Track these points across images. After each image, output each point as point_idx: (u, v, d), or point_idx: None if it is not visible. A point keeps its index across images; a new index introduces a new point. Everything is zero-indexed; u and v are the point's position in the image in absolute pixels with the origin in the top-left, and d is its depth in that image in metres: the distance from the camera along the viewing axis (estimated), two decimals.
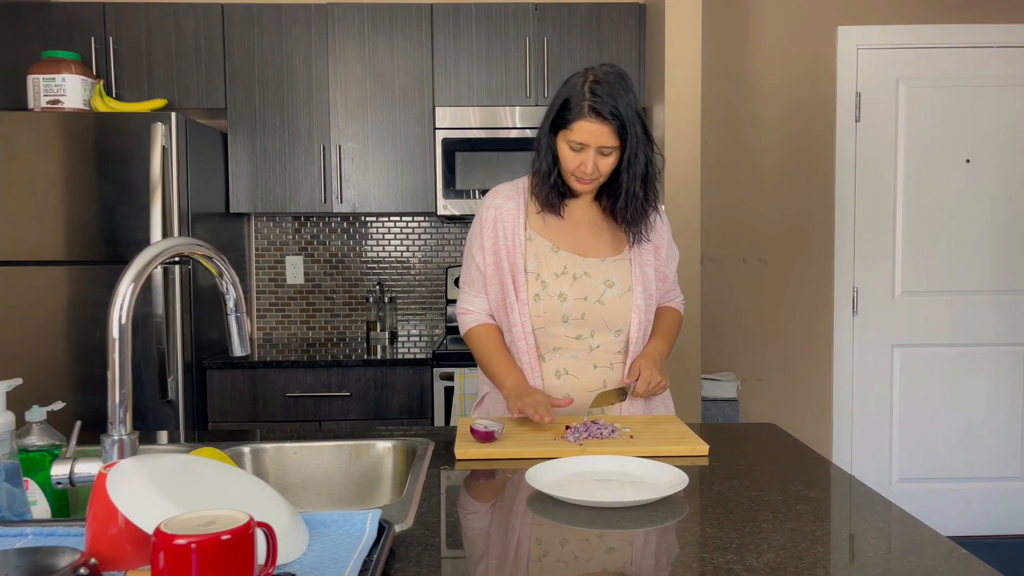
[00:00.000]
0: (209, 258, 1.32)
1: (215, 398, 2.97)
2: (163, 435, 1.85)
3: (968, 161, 3.61)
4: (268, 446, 1.65)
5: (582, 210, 1.90)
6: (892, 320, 3.67)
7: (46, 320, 2.81)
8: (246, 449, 1.64)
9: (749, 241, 3.65)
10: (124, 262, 2.73)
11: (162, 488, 1.02)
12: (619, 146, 1.75)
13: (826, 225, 3.65)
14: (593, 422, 1.66)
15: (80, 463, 1.21)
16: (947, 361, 3.67)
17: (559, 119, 1.76)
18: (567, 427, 1.64)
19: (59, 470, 1.20)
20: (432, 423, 3.00)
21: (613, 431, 1.63)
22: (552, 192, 1.84)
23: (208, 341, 3.07)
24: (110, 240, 2.82)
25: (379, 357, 3.09)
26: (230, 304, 1.39)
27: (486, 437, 1.57)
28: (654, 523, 1.19)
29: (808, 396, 3.70)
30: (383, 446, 1.66)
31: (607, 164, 1.77)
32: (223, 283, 1.37)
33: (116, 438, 1.19)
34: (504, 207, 1.88)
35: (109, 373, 1.19)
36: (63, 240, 2.82)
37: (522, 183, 1.92)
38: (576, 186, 1.80)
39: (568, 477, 1.39)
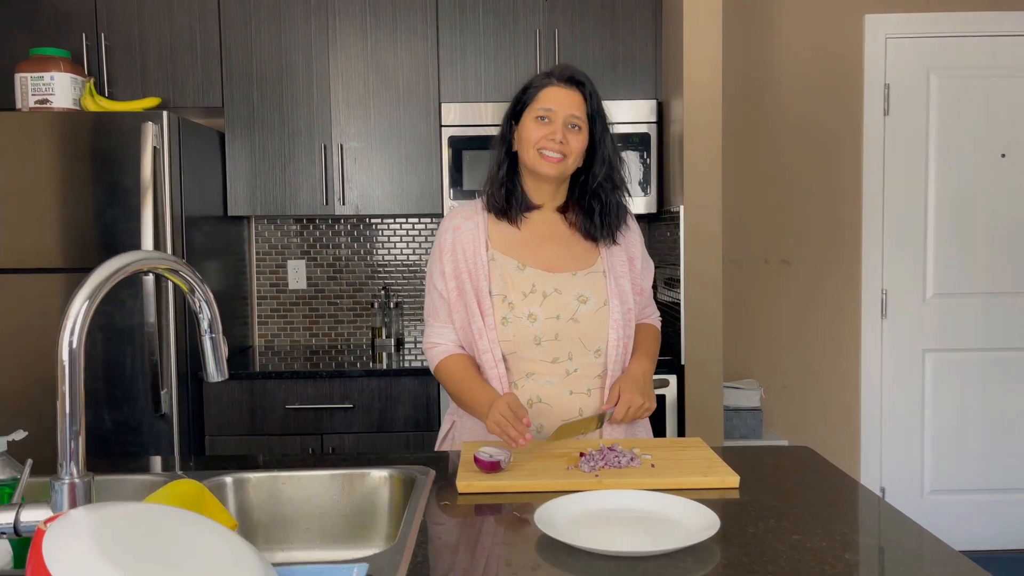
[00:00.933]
0: (176, 272, 1.17)
1: (212, 411, 2.83)
2: (157, 461, 1.70)
3: (1004, 155, 3.42)
4: (252, 476, 1.51)
5: (547, 224, 1.76)
6: (923, 324, 3.48)
7: (32, 330, 2.67)
8: (228, 480, 1.49)
9: (771, 241, 3.48)
10: None
11: (108, 550, 0.87)
12: (587, 126, 1.68)
13: (853, 224, 3.47)
14: (610, 448, 1.50)
15: (28, 510, 1.06)
16: (981, 367, 3.48)
17: (520, 104, 1.71)
18: (581, 454, 1.49)
19: (3, 518, 1.05)
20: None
21: (632, 459, 1.47)
22: (502, 193, 1.72)
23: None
24: (101, 246, 2.68)
25: (384, 365, 2.95)
26: (204, 324, 1.24)
27: (491, 467, 1.42)
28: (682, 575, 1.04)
29: (835, 404, 3.52)
30: (379, 475, 1.51)
31: (577, 140, 1.67)
32: (195, 300, 1.22)
33: (67, 482, 1.04)
34: (462, 227, 1.74)
35: (58, 404, 1.05)
36: (51, 247, 2.68)
37: (480, 203, 1.79)
38: (544, 167, 1.66)
39: (583, 517, 1.23)
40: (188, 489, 1.32)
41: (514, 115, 1.72)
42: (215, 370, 1.27)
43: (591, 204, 1.73)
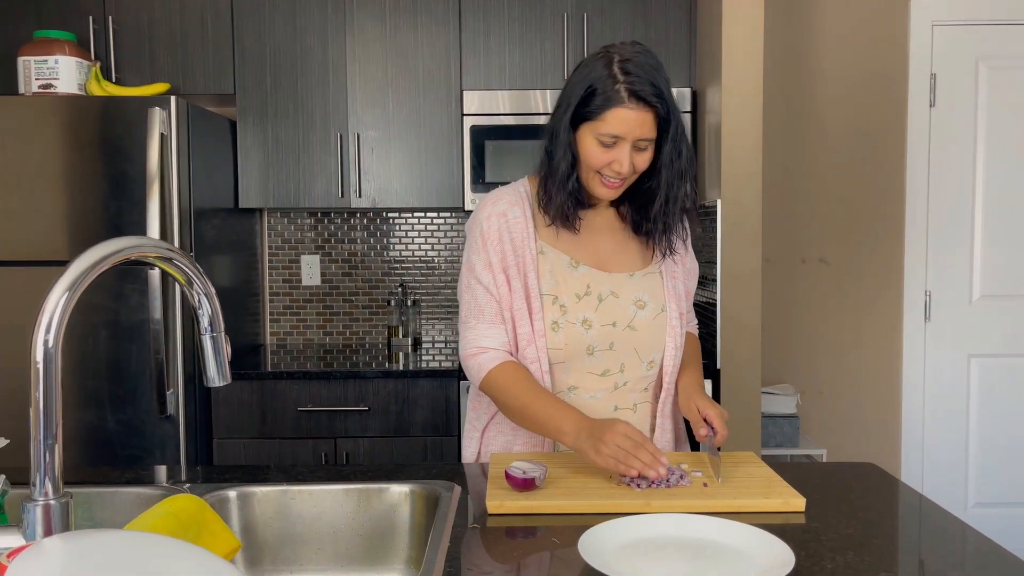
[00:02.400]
0: (171, 261, 1.03)
1: (220, 412, 2.69)
2: (162, 471, 1.55)
3: None
4: (259, 490, 1.36)
5: (599, 216, 1.55)
6: (969, 327, 3.29)
7: (32, 326, 2.53)
8: (232, 494, 1.34)
9: (809, 239, 3.30)
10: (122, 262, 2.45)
11: None
12: (655, 141, 1.42)
13: (895, 222, 3.28)
14: None
15: None
16: None
17: (582, 110, 1.41)
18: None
19: None
20: (458, 442, 2.70)
21: (682, 477, 1.31)
22: (569, 201, 1.46)
23: None
24: (105, 238, 2.52)
25: (401, 366, 2.80)
26: (203, 322, 1.09)
27: (525, 485, 1.26)
28: None
29: (874, 412, 3.33)
30: (398, 491, 1.36)
31: (643, 160, 1.42)
32: (194, 294, 1.07)
33: (40, 503, 0.90)
34: (509, 214, 1.50)
35: (31, 412, 0.90)
36: (54, 238, 2.55)
37: (523, 186, 1.56)
38: (600, 191, 1.44)
39: (633, 545, 1.07)
40: (186, 505, 1.18)
41: (574, 122, 1.44)
42: (216, 373, 1.12)
43: (649, 210, 1.50)
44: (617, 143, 1.40)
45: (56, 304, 0.90)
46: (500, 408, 1.50)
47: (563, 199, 1.46)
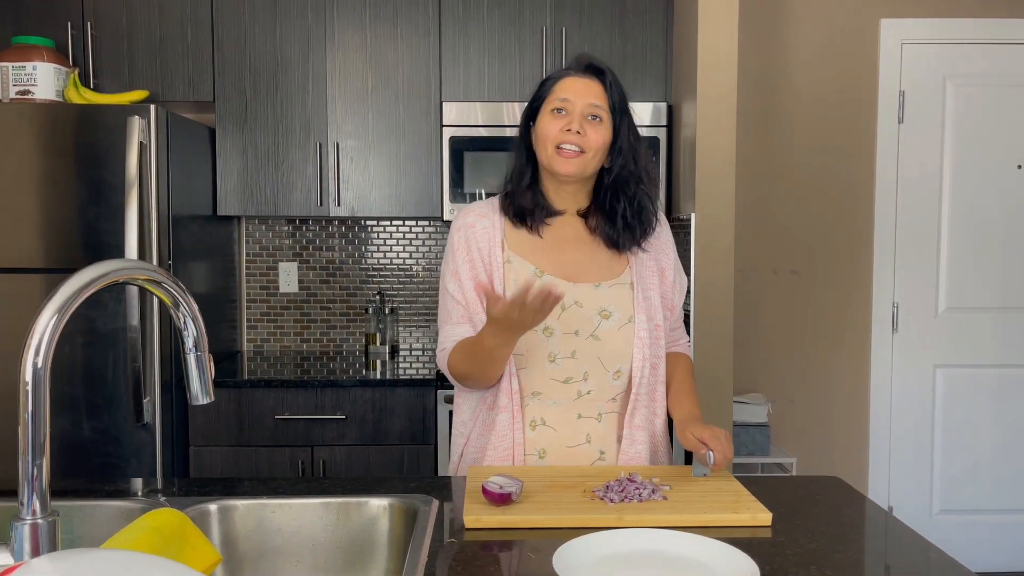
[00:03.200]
0: (159, 284, 1.05)
1: (197, 421, 2.70)
2: (138, 482, 1.56)
3: (1020, 167, 3.32)
4: (239, 503, 1.38)
5: (568, 227, 1.59)
6: (935, 338, 3.38)
7: (10, 334, 2.53)
8: (213, 507, 1.36)
9: (781, 251, 3.37)
10: None
11: None
12: (609, 119, 1.52)
13: (865, 234, 3.36)
14: (630, 479, 1.38)
15: None
16: (994, 383, 3.38)
17: (537, 97, 1.57)
18: (606, 486, 1.36)
19: None
20: (435, 451, 2.72)
21: (654, 491, 1.35)
22: (527, 195, 1.56)
23: None
24: (83, 246, 2.54)
25: (379, 374, 2.82)
26: (188, 342, 1.12)
27: (501, 500, 1.30)
28: None
29: (843, 420, 3.41)
30: (377, 505, 1.38)
31: (597, 132, 1.51)
32: (179, 315, 1.10)
33: (28, 522, 0.91)
34: (476, 225, 1.58)
35: (20, 431, 0.92)
36: (32, 245, 2.54)
37: (496, 200, 1.63)
38: (560, 166, 1.50)
39: (606, 560, 1.11)
40: (169, 520, 1.20)
41: (531, 114, 1.58)
42: (200, 391, 1.14)
43: (612, 205, 1.56)
44: (568, 108, 1.50)
45: (45, 327, 0.92)
46: (458, 378, 1.56)
47: (522, 197, 1.56)
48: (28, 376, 0.91)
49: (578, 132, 1.49)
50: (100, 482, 1.50)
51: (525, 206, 1.57)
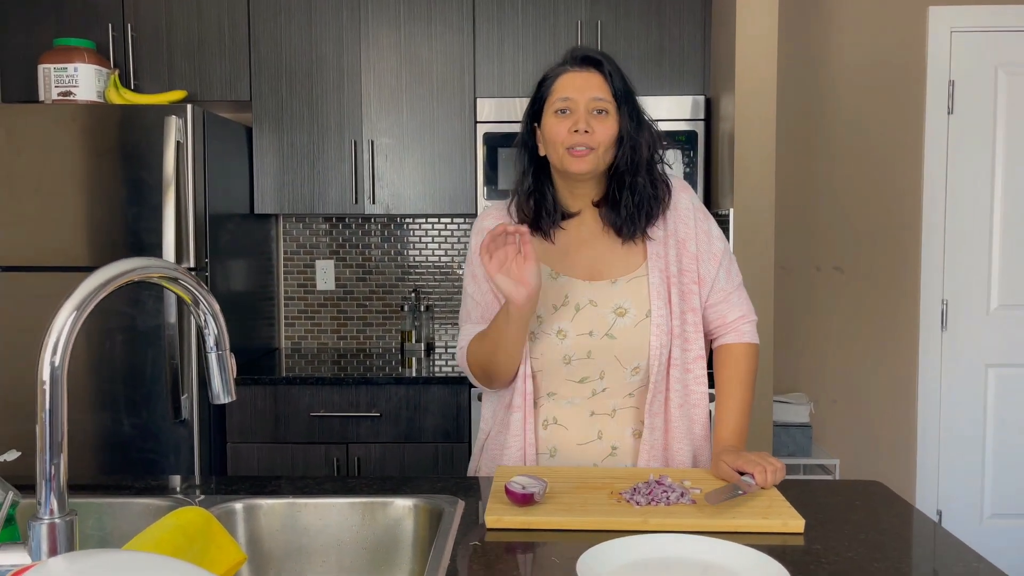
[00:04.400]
0: (176, 281, 1.04)
1: (234, 418, 2.72)
2: (174, 480, 1.57)
3: None
4: (264, 502, 1.37)
5: (583, 226, 1.56)
6: (986, 337, 3.26)
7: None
8: (239, 506, 1.36)
9: (824, 247, 3.28)
10: None
11: None
12: (615, 109, 1.47)
13: (912, 229, 3.25)
14: (658, 482, 1.34)
15: (2, 553, 0.94)
16: None
17: (538, 99, 1.52)
18: (633, 488, 1.33)
19: None
20: (469, 449, 2.71)
21: (683, 494, 1.31)
22: (531, 201, 1.53)
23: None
24: (123, 244, 2.58)
25: (413, 371, 2.82)
26: (210, 340, 1.11)
27: (524, 500, 1.27)
28: None
29: (889, 422, 3.31)
30: (402, 505, 1.37)
31: (604, 126, 1.46)
32: (200, 313, 1.09)
33: (46, 522, 0.92)
34: (527, 232, 1.54)
35: (38, 430, 0.92)
36: (73, 244, 2.59)
37: (512, 205, 1.60)
38: (572, 165, 1.45)
39: (631, 566, 1.08)
40: (194, 519, 1.20)
41: (534, 115, 1.53)
42: (221, 390, 1.14)
43: (616, 195, 1.52)
44: (571, 107, 1.46)
45: (63, 325, 0.92)
46: (476, 373, 1.55)
47: (525, 204, 1.54)
48: (45, 375, 0.91)
49: (586, 131, 1.44)
50: (136, 478, 1.52)
51: (530, 213, 1.54)
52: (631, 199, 1.51)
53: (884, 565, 1.10)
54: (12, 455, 1.26)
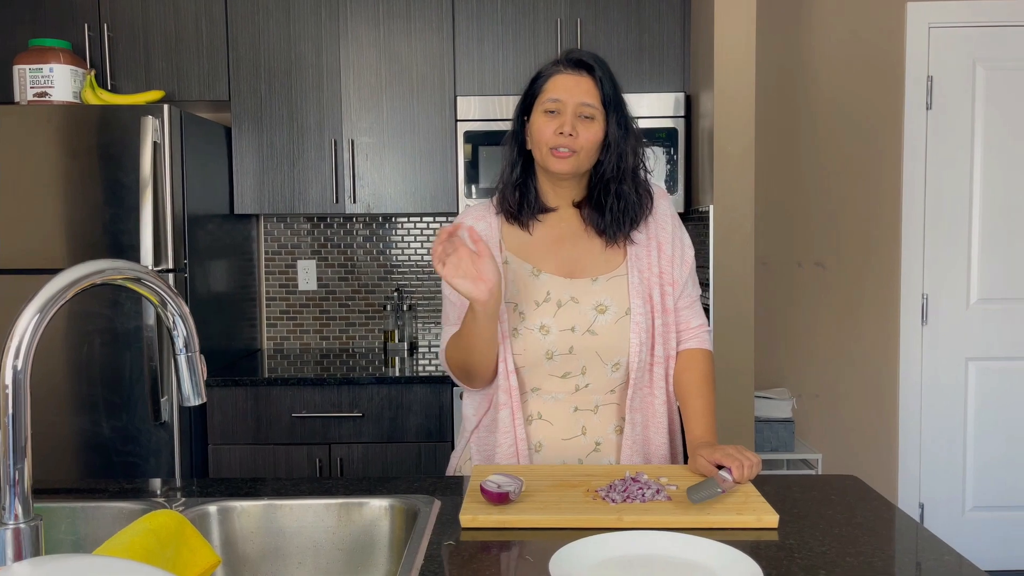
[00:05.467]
0: (143, 282, 1.03)
1: (215, 419, 2.71)
2: (154, 483, 1.56)
3: None
4: (238, 504, 1.36)
5: (564, 223, 1.59)
6: (966, 331, 3.28)
7: None
8: (212, 509, 1.35)
9: (805, 243, 3.29)
10: None
11: None
12: (602, 115, 1.50)
13: (892, 225, 3.27)
14: (634, 479, 1.34)
15: None
16: None
17: (530, 95, 1.55)
18: (609, 485, 1.33)
19: None
20: (452, 448, 2.70)
21: (658, 491, 1.31)
22: (516, 192, 1.56)
23: (207, 355, 2.80)
24: (100, 246, 2.56)
25: (397, 371, 2.81)
26: (179, 342, 1.11)
27: (499, 499, 1.27)
28: None
29: (871, 415, 3.33)
30: (378, 505, 1.36)
31: (589, 131, 1.49)
32: (168, 314, 1.08)
33: (11, 527, 0.91)
34: (474, 228, 1.56)
35: (0, 435, 0.91)
36: (50, 246, 2.57)
37: (496, 194, 1.63)
38: (554, 164, 1.49)
39: (604, 564, 1.08)
40: (166, 522, 1.19)
41: (525, 109, 1.57)
42: (191, 392, 1.13)
43: (600, 199, 1.56)
44: (560, 109, 1.49)
45: (25, 329, 0.91)
46: (456, 373, 1.56)
47: (510, 195, 1.57)
48: (8, 379, 0.90)
49: (570, 134, 1.48)
50: (114, 481, 1.50)
51: (513, 204, 1.57)
52: (617, 205, 1.55)
53: (857, 560, 1.11)
54: None
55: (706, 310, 2.69)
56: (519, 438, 1.54)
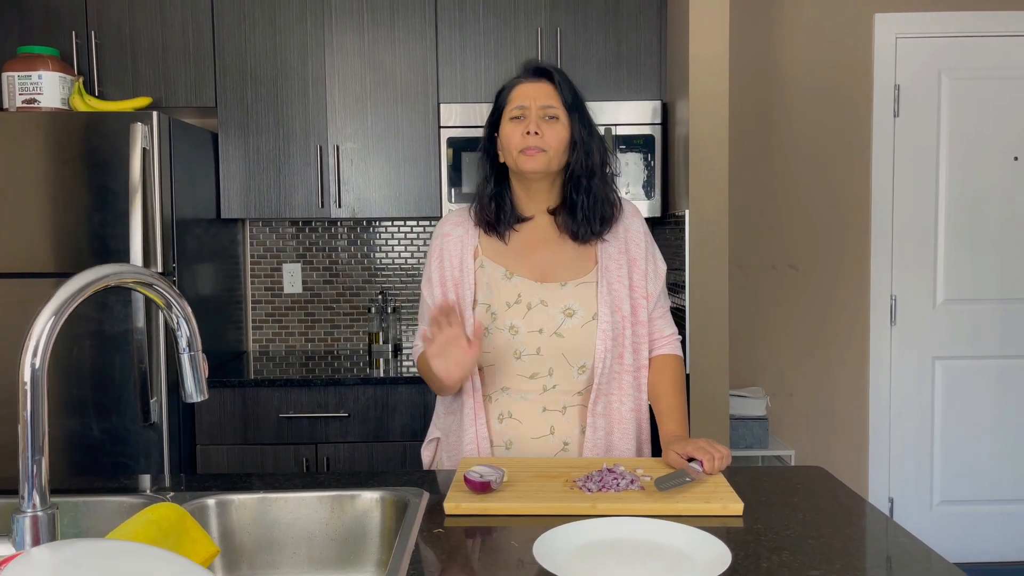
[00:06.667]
0: (151, 286, 1.10)
1: (203, 420, 2.76)
2: (142, 479, 1.61)
3: (1016, 159, 3.34)
4: (236, 498, 1.43)
5: (538, 229, 1.68)
6: (933, 330, 3.40)
7: (14, 337, 2.60)
8: (211, 502, 1.42)
9: (778, 246, 3.40)
10: None
11: None
12: (565, 116, 1.60)
13: (862, 228, 3.39)
14: (610, 470, 1.42)
15: None
16: (993, 374, 3.40)
17: (497, 109, 1.66)
18: (586, 476, 1.41)
19: None
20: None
21: (632, 481, 1.39)
22: (492, 204, 1.65)
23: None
24: (89, 250, 2.60)
25: (381, 372, 2.88)
26: (182, 342, 1.17)
27: (481, 488, 1.35)
28: None
29: (842, 412, 3.44)
30: (369, 497, 1.43)
31: (554, 131, 1.59)
32: (173, 316, 1.15)
33: (29, 515, 0.97)
34: (451, 235, 1.69)
35: (20, 430, 0.97)
36: (39, 251, 2.61)
37: (474, 207, 1.72)
38: (525, 164, 1.58)
39: (584, 548, 1.15)
40: (167, 513, 1.25)
41: (493, 124, 1.66)
42: (194, 389, 1.20)
43: (572, 199, 1.64)
44: (525, 114, 1.59)
45: (43, 329, 0.97)
46: (423, 375, 1.67)
47: (487, 207, 1.66)
48: (27, 377, 0.96)
49: (536, 133, 1.57)
50: (114, 479, 1.56)
51: (491, 215, 1.66)
52: (587, 202, 1.63)
53: (819, 541, 1.19)
54: None
55: (682, 312, 2.78)
56: (481, 436, 1.63)
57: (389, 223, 3.40)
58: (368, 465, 2.77)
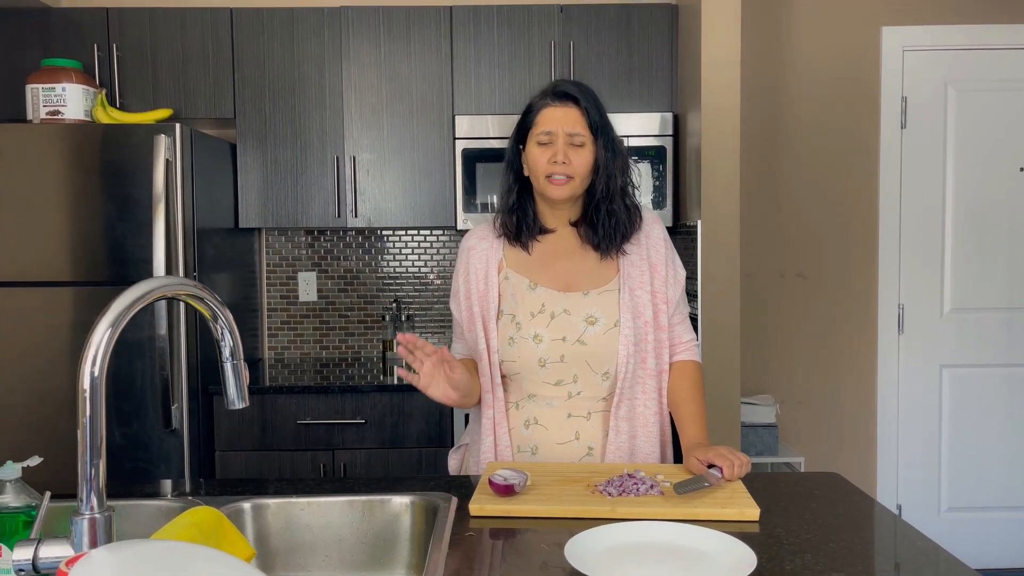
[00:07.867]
0: (201, 299, 1.15)
1: (222, 426, 2.80)
2: (167, 484, 1.66)
3: (1022, 169, 3.39)
4: (271, 501, 1.47)
5: (561, 240, 1.73)
6: (941, 339, 3.44)
7: (43, 345, 2.64)
8: (247, 506, 1.46)
9: (787, 255, 3.44)
10: (129, 283, 2.54)
11: None
12: (591, 140, 1.63)
13: (870, 238, 3.43)
14: (630, 475, 1.46)
15: (46, 545, 1.03)
16: (1000, 382, 3.44)
17: (523, 126, 1.68)
18: (608, 480, 1.45)
19: (21, 554, 1.02)
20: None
21: (652, 486, 1.43)
22: (514, 217, 1.70)
23: (216, 365, 2.89)
24: (111, 259, 2.65)
25: (395, 379, 2.92)
26: (225, 351, 1.21)
27: (505, 491, 1.39)
28: None
29: (851, 420, 3.48)
30: (399, 502, 1.48)
31: (581, 157, 1.63)
32: (218, 328, 1.19)
33: (87, 517, 1.01)
34: (476, 248, 1.74)
35: (79, 434, 1.02)
36: (62, 260, 2.66)
37: (497, 219, 1.77)
38: (551, 191, 1.63)
39: (613, 550, 1.19)
40: (207, 517, 1.29)
41: (520, 139, 1.70)
42: (236, 397, 1.24)
43: (594, 218, 1.69)
44: (552, 139, 1.62)
45: (100, 339, 1.02)
46: None
47: (508, 219, 1.71)
48: (86, 384, 1.00)
49: (564, 162, 1.61)
50: (132, 485, 1.60)
51: (512, 227, 1.71)
52: (609, 222, 1.69)
53: (839, 545, 1.23)
54: (35, 460, 1.34)
55: (695, 320, 2.82)
56: (501, 444, 1.68)
57: (403, 232, 3.45)
58: (385, 470, 2.82)
